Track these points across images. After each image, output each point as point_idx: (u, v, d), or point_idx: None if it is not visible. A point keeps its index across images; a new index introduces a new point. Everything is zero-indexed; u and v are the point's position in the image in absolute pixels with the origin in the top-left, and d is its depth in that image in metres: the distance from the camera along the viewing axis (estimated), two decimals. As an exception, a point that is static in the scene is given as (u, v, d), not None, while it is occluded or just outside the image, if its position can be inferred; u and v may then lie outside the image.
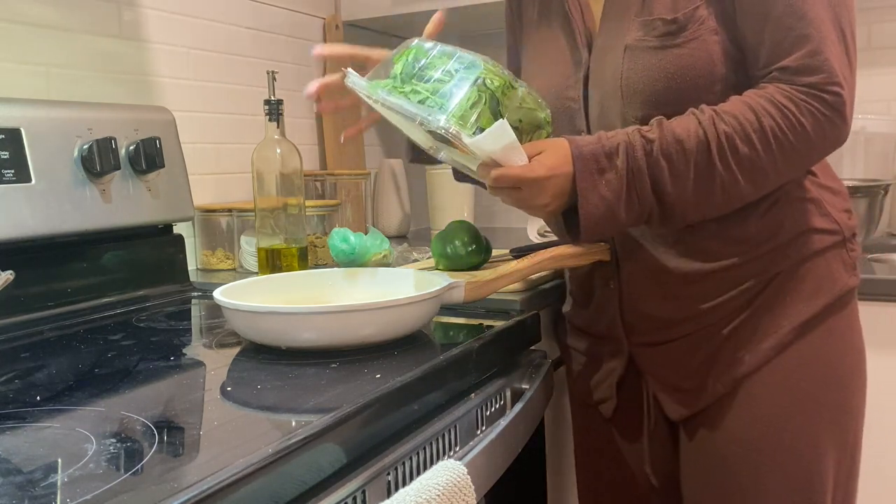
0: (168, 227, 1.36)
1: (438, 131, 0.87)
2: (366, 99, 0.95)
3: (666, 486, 1.12)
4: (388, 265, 1.20)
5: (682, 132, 0.89)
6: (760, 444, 0.97)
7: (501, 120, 0.86)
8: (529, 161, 0.89)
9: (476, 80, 0.88)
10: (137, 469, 0.59)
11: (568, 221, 0.96)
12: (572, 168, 0.89)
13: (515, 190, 0.90)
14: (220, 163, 1.65)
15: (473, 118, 0.87)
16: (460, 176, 1.18)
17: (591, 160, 0.89)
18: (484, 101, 0.88)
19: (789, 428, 0.97)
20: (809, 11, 0.88)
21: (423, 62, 0.92)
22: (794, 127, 0.88)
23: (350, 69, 0.97)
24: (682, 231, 0.98)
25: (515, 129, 0.89)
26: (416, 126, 0.91)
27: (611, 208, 0.90)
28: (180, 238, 1.37)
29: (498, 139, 0.86)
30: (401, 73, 0.93)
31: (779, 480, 0.97)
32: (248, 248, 1.46)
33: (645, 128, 0.91)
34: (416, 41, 0.96)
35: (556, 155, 0.90)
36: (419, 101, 0.89)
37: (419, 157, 1.15)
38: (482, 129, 0.87)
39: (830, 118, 0.89)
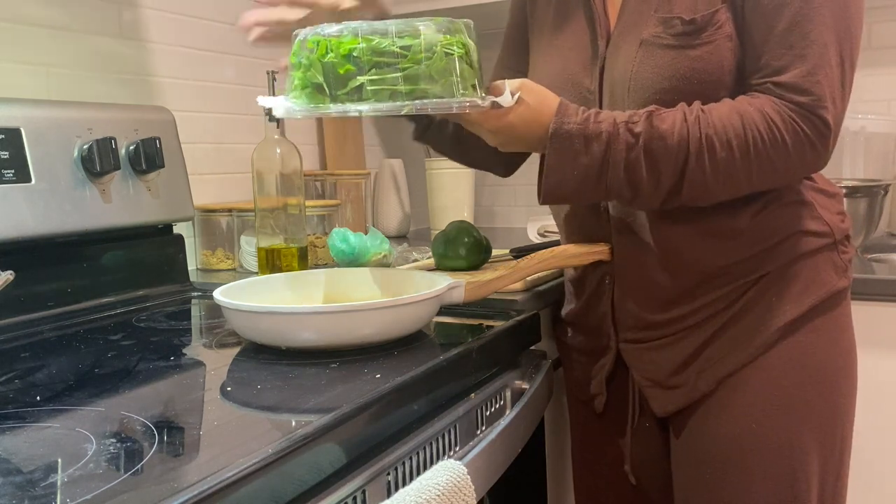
0: (168, 227, 1.36)
1: (452, 113, 0.89)
2: (329, 114, 0.93)
3: (660, 482, 1.13)
4: (388, 265, 1.20)
5: (667, 128, 0.89)
6: (744, 442, 0.98)
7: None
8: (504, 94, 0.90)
9: (447, 55, 0.87)
10: (137, 469, 0.59)
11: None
12: (545, 133, 0.90)
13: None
14: (220, 163, 1.65)
15: (474, 82, 0.89)
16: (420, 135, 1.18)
17: (567, 139, 0.90)
18: (464, 62, 0.89)
19: (772, 426, 0.97)
20: (813, 32, 0.88)
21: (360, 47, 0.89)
22: (776, 141, 0.88)
23: (259, 98, 0.94)
24: (673, 231, 0.99)
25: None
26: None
27: (575, 191, 0.93)
28: (180, 238, 1.37)
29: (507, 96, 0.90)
30: (361, 58, 0.89)
31: (762, 478, 0.97)
32: (248, 248, 1.46)
33: (632, 120, 0.91)
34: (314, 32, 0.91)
35: (528, 102, 0.91)
36: (406, 92, 0.87)
37: (424, 135, 1.15)
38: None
39: (813, 142, 0.89)
